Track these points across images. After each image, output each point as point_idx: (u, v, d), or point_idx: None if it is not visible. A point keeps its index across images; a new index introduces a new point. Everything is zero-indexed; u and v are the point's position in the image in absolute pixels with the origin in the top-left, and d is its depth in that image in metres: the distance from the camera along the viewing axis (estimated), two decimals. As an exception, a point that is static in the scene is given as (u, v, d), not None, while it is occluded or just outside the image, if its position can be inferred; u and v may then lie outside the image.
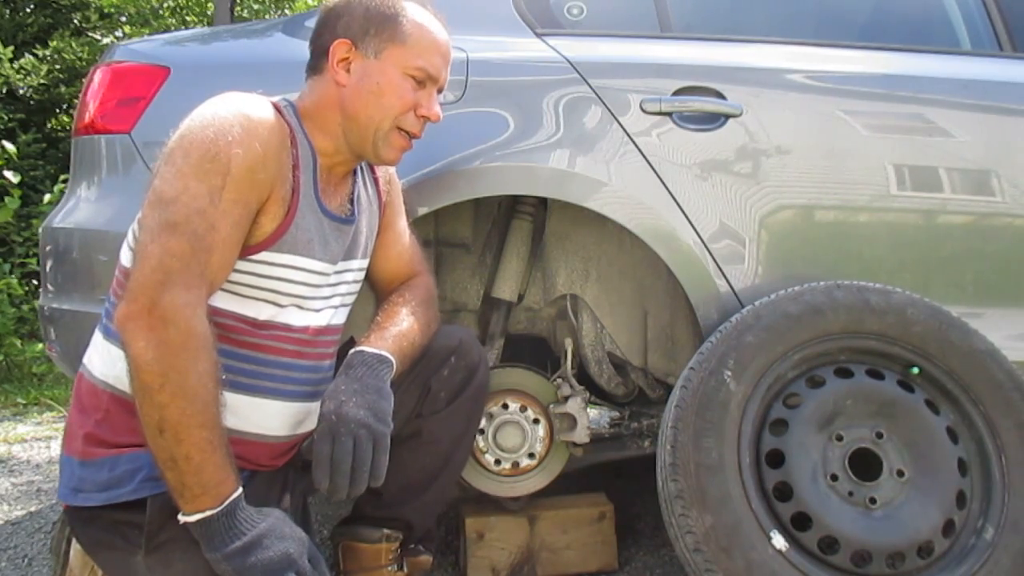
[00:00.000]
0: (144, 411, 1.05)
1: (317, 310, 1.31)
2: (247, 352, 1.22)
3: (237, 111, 1.16)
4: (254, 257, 1.19)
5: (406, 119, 1.29)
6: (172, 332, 1.04)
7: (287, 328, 1.26)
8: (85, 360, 1.27)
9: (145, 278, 1.06)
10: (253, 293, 1.21)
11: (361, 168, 1.41)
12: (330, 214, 1.29)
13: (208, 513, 1.05)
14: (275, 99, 1.27)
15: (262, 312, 1.23)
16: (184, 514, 1.06)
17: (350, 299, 1.41)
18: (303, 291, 1.26)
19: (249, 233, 1.18)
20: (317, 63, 1.30)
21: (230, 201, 1.12)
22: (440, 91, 1.34)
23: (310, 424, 1.36)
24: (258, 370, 1.24)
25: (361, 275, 1.42)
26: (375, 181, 1.45)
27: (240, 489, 1.09)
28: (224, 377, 1.13)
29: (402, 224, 1.51)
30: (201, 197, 1.09)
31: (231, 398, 1.18)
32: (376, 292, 1.52)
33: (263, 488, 1.28)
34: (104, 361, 1.21)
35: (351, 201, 1.36)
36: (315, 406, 1.34)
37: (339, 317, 1.38)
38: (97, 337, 1.26)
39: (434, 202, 1.60)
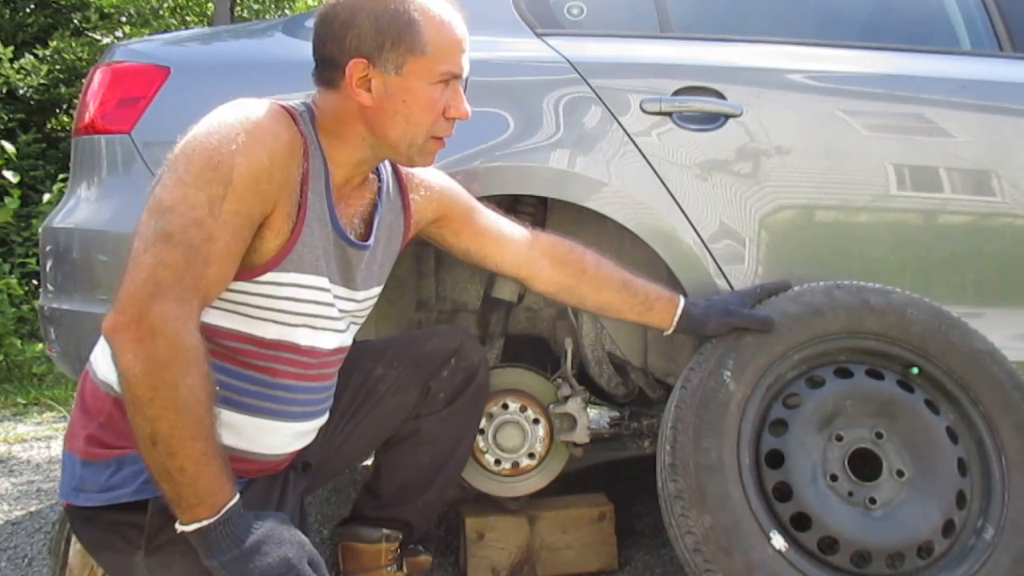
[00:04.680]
0: (136, 423, 1.03)
1: (337, 331, 1.28)
2: (252, 373, 1.20)
3: (245, 118, 1.11)
4: (260, 279, 1.16)
5: (439, 126, 1.23)
6: (160, 345, 1.01)
7: (295, 349, 1.22)
8: (91, 359, 1.26)
9: (136, 288, 1.02)
10: (261, 314, 1.18)
11: (387, 187, 1.36)
12: (342, 232, 1.24)
13: (205, 523, 1.03)
14: (294, 103, 1.21)
15: (270, 332, 1.20)
16: (181, 523, 1.04)
17: (362, 320, 1.38)
18: (314, 310, 1.22)
19: (255, 251, 1.14)
20: (328, 76, 1.21)
21: (231, 212, 1.07)
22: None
23: (310, 438, 1.35)
24: (263, 391, 1.22)
25: (373, 302, 1.38)
26: (403, 200, 1.39)
27: (237, 496, 1.07)
28: (227, 396, 1.12)
29: (483, 219, 1.47)
30: (200, 207, 1.05)
31: (235, 418, 1.18)
32: (522, 273, 1.50)
33: (262, 491, 1.27)
34: (108, 363, 1.18)
35: (370, 224, 1.31)
36: (316, 423, 1.34)
37: (349, 339, 1.35)
38: (103, 339, 1.24)
39: (434, 202, 1.60)
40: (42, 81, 7.67)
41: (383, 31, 1.17)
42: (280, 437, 1.27)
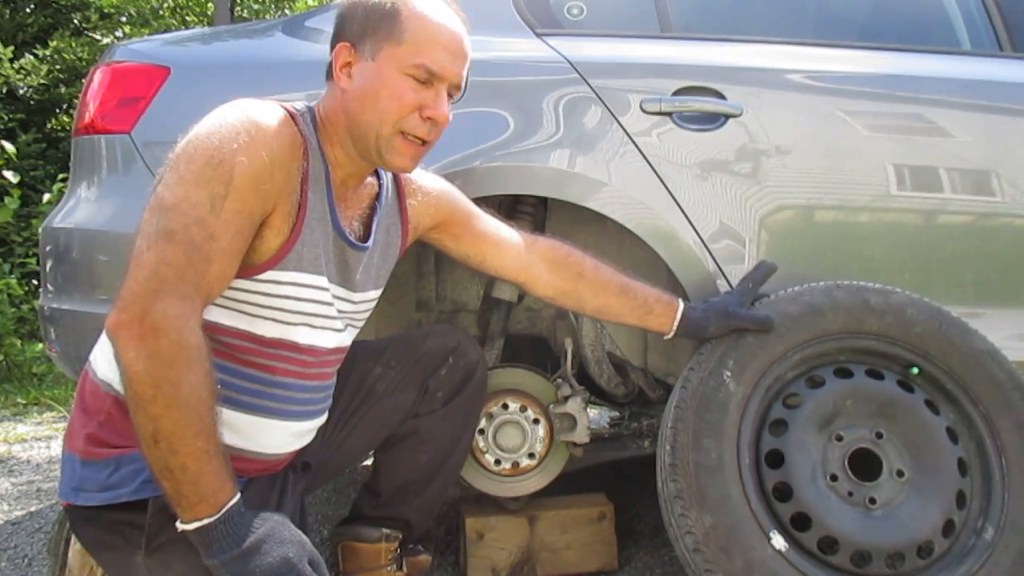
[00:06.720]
0: (138, 421, 1.03)
1: (335, 330, 1.28)
2: (251, 371, 1.21)
3: (246, 118, 1.12)
4: (260, 277, 1.16)
5: (408, 122, 1.20)
6: (163, 343, 1.01)
7: (295, 348, 1.23)
8: (91, 358, 1.26)
9: (138, 287, 1.03)
10: (261, 312, 1.19)
11: (386, 191, 1.36)
12: (342, 232, 1.25)
13: (206, 521, 1.03)
14: (297, 104, 1.22)
15: (269, 330, 1.20)
16: (182, 522, 1.04)
17: (360, 323, 1.39)
18: (313, 308, 1.23)
19: (255, 250, 1.15)
20: (328, 68, 1.24)
21: (232, 211, 1.08)
22: (456, 89, 1.24)
23: (309, 438, 1.36)
24: (262, 390, 1.22)
25: (373, 304, 1.39)
26: (401, 205, 1.39)
27: (238, 495, 1.07)
28: (227, 395, 1.12)
29: (482, 224, 1.47)
30: (201, 205, 1.06)
31: (234, 416, 1.18)
32: (521, 278, 1.50)
33: (261, 490, 1.28)
34: (108, 363, 1.19)
35: (369, 226, 1.32)
36: (315, 423, 1.34)
37: (348, 339, 1.35)
38: (103, 338, 1.24)
39: (434, 202, 1.60)
40: (42, 81, 7.68)
41: (369, 18, 1.21)
42: (279, 436, 1.27)
